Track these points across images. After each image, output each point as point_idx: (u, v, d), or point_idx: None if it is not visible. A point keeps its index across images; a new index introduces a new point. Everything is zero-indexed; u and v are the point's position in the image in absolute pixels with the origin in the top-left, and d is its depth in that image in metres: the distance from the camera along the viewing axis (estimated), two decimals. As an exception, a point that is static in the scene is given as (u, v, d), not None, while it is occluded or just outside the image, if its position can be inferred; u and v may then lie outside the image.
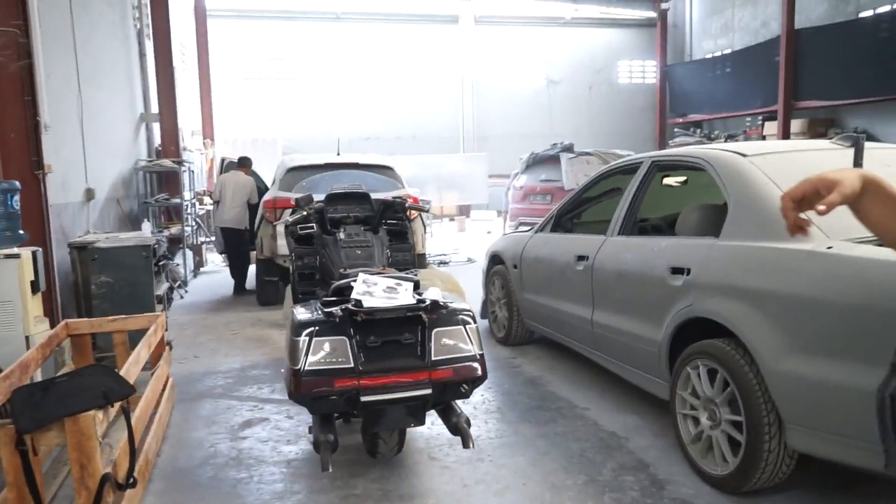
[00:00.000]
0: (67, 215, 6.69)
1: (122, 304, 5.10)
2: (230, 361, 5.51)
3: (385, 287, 3.23)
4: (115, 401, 2.58)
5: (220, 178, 9.24)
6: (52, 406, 2.45)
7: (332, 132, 18.58)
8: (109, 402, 2.54)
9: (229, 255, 9.11)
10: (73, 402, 2.46)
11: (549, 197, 12.44)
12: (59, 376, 2.82)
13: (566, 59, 21.27)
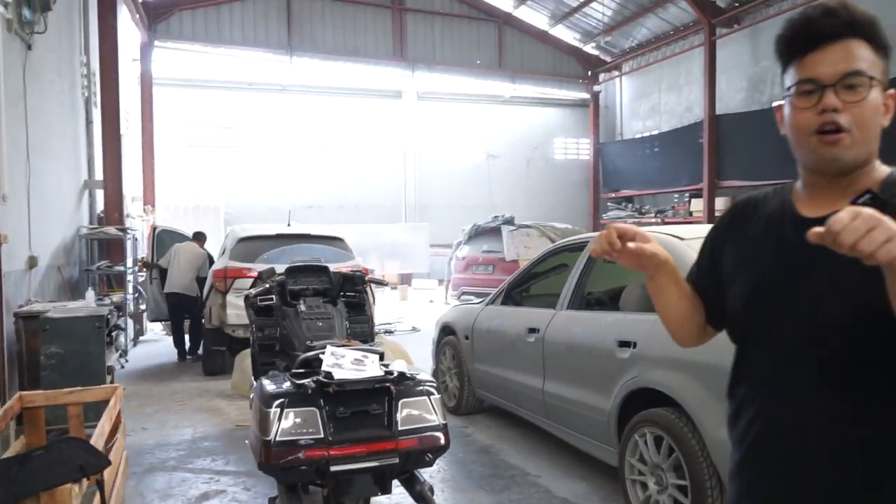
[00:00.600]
0: (10, 283, 6.57)
1: (71, 375, 5.03)
2: (181, 433, 5.46)
3: (353, 359, 3.38)
4: (92, 473, 2.63)
5: (173, 247, 9.24)
6: (30, 480, 2.48)
7: (276, 201, 18.72)
8: (86, 475, 2.59)
9: (174, 322, 9.02)
10: (51, 476, 2.49)
11: (491, 267, 12.80)
12: (35, 450, 2.83)
13: (505, 135, 22.14)
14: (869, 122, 1.24)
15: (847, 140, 1.22)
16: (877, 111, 1.25)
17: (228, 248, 7.83)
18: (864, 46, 1.25)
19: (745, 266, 1.37)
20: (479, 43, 20.90)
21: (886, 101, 1.28)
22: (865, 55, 1.24)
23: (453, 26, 20.62)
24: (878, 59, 1.26)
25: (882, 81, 1.26)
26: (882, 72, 1.26)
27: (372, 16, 19.71)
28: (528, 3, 20.43)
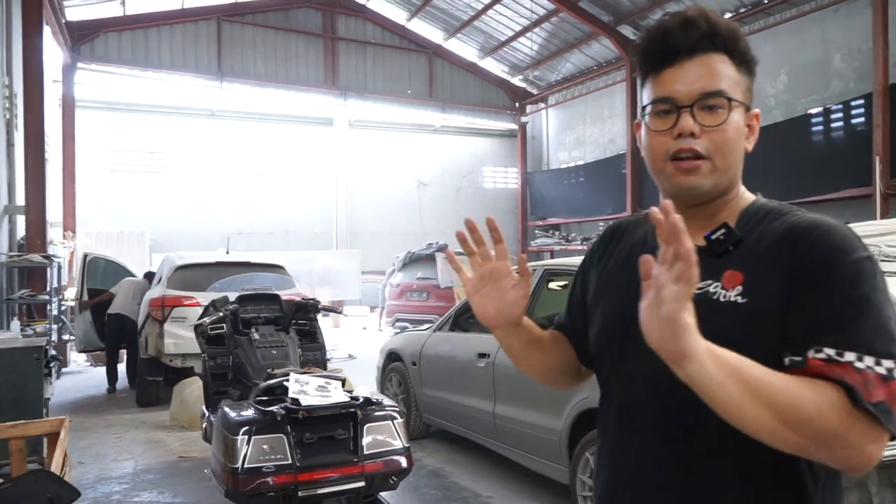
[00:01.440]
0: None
1: (7, 408, 4.84)
2: (121, 466, 5.32)
3: (317, 385, 3.45)
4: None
5: (124, 280, 9.07)
6: (-3, 513, 2.44)
7: (204, 227, 18.34)
8: (55, 507, 2.55)
9: (111, 347, 8.69)
10: (19, 509, 2.46)
11: (426, 294, 12.96)
12: (2, 483, 2.77)
13: (436, 164, 22.46)
14: (730, 147, 1.11)
15: (706, 168, 1.10)
16: (738, 135, 1.12)
17: (165, 275, 7.67)
18: (726, 62, 1.12)
19: (602, 300, 1.26)
20: (411, 73, 21.24)
21: (750, 122, 1.16)
22: (727, 72, 1.12)
23: (385, 56, 20.89)
24: (741, 75, 1.14)
25: (744, 101, 1.14)
26: (745, 90, 1.14)
27: (304, 44, 19.76)
28: (458, 36, 20.95)
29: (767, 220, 1.11)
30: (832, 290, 1.00)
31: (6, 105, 10.35)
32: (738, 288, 1.06)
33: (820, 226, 1.06)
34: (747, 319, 1.03)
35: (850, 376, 0.93)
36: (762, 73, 14.50)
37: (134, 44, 17.65)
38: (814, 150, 13.01)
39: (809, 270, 1.02)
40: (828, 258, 1.02)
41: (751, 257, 1.07)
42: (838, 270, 1.00)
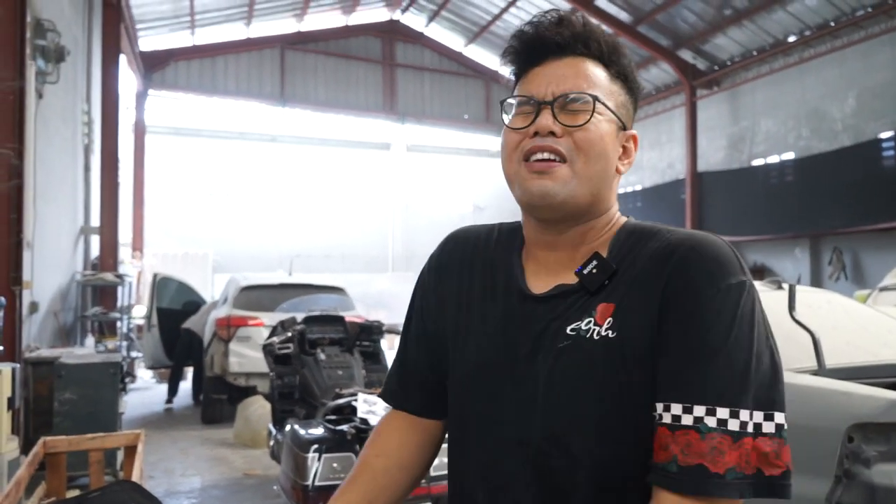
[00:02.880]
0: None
1: (84, 421, 5.04)
2: (189, 482, 5.46)
3: (384, 406, 3.49)
4: (144, 516, 2.69)
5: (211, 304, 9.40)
6: (85, 522, 2.54)
7: (264, 249, 18.79)
8: (138, 517, 2.65)
9: (179, 360, 8.97)
10: (105, 518, 2.56)
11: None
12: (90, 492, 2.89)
13: (491, 187, 22.54)
14: (595, 152, 0.97)
15: (563, 172, 0.96)
16: (605, 143, 0.98)
17: (231, 296, 7.90)
18: (600, 69, 1.01)
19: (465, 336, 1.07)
20: (468, 98, 21.47)
21: (626, 143, 1.03)
22: (599, 79, 1.00)
23: (442, 82, 21.19)
24: (617, 89, 1.02)
25: (618, 118, 1.01)
26: (620, 105, 1.02)
27: (363, 70, 20.21)
28: (515, 62, 21.11)
29: (641, 242, 0.98)
30: (690, 327, 0.88)
31: (84, 131, 10.88)
32: (608, 321, 0.93)
33: (688, 242, 0.93)
34: (620, 356, 0.91)
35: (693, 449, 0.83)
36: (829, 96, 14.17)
37: (202, 71, 18.35)
38: (884, 176, 12.60)
39: (673, 298, 0.90)
40: (692, 285, 0.89)
41: (621, 286, 0.95)
42: (700, 302, 0.88)
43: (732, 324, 0.87)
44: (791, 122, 15.19)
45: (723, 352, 0.86)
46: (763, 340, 0.89)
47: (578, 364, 0.92)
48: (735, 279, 0.89)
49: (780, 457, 0.83)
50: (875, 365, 2.90)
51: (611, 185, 1.02)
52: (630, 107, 1.05)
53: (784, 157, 15.30)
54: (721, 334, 0.86)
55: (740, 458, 0.82)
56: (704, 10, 15.42)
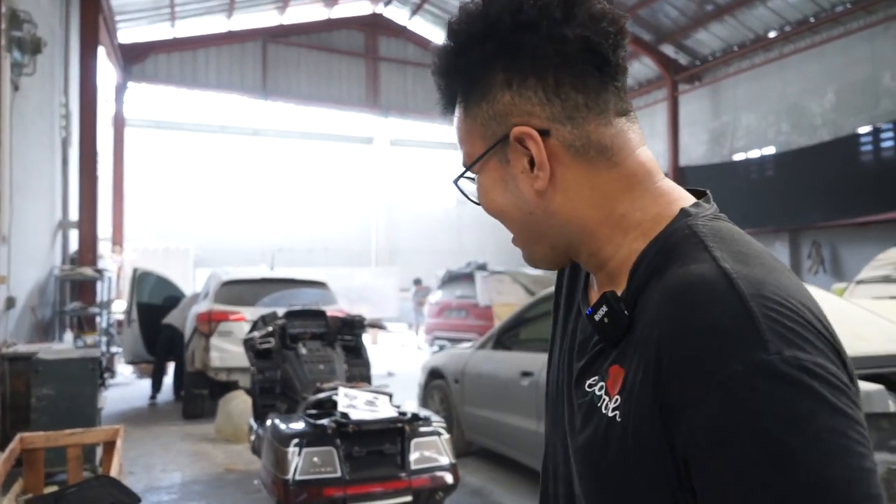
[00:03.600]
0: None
1: (63, 417, 4.99)
2: (170, 477, 5.43)
3: (365, 400, 3.50)
4: (121, 511, 2.67)
5: (191, 297, 9.32)
6: (62, 517, 2.53)
7: (246, 243, 18.70)
8: (116, 512, 2.64)
9: (160, 357, 8.88)
10: (82, 514, 2.54)
11: (465, 313, 12.95)
12: (68, 487, 2.87)
13: (474, 182, 22.57)
14: (505, 217, 0.82)
15: (517, 242, 0.84)
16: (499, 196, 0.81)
17: (211, 290, 7.84)
18: (460, 115, 0.84)
19: (551, 352, 0.93)
20: (451, 92, 21.45)
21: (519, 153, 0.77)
22: (461, 128, 0.84)
23: (426, 75, 20.99)
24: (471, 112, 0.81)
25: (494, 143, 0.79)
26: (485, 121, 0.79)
27: (346, 64, 20.12)
28: (498, 56, 21.09)
29: (657, 274, 0.71)
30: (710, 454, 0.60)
31: (62, 124, 10.74)
32: (616, 398, 0.70)
33: (673, 296, 0.66)
34: (625, 447, 0.68)
35: None
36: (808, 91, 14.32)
37: (182, 64, 18.18)
38: (862, 170, 12.77)
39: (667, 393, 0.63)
40: (682, 384, 0.62)
41: (630, 344, 0.70)
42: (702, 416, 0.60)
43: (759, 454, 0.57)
44: (771, 116, 15.33)
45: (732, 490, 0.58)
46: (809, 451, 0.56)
47: (590, 434, 0.73)
48: (739, 365, 0.59)
49: None
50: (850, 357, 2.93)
51: (554, 215, 0.78)
52: (503, 101, 0.77)
53: (764, 152, 15.46)
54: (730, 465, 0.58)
55: None
56: (686, 5, 15.51)
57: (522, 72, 0.76)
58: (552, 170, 0.76)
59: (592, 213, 0.77)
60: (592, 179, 0.76)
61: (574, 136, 0.75)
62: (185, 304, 8.91)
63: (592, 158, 0.76)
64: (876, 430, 2.82)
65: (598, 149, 0.76)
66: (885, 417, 2.83)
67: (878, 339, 3.37)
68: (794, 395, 0.57)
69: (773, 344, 0.59)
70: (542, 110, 0.75)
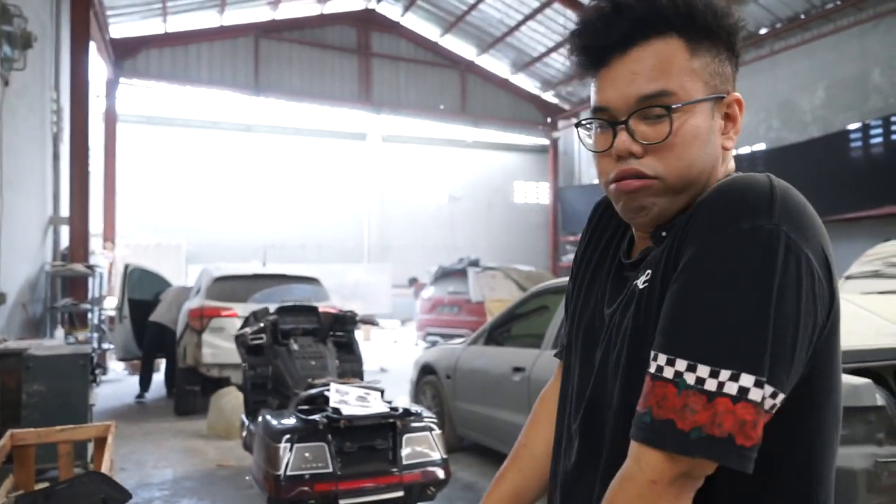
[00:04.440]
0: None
1: (54, 414, 4.98)
2: (161, 473, 5.42)
3: (357, 396, 3.51)
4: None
5: (173, 288, 9.32)
6: (53, 513, 2.53)
7: (239, 239, 18.66)
8: (107, 508, 2.64)
9: (148, 355, 8.84)
10: (74, 509, 2.55)
11: (457, 308, 12.98)
12: (58, 483, 2.87)
13: (467, 178, 22.58)
14: (685, 163, 0.89)
15: (655, 186, 0.90)
16: (695, 142, 0.89)
17: (203, 287, 7.82)
18: (676, 46, 0.88)
19: (574, 296, 1.11)
20: (443, 88, 21.44)
21: (727, 110, 0.93)
22: (677, 61, 0.88)
23: (418, 72, 21.13)
24: (702, 57, 0.89)
25: (707, 92, 0.90)
26: (711, 74, 0.90)
27: (338, 59, 20.08)
28: (491, 52, 21.09)
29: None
30: (686, 277, 0.81)
31: (53, 119, 10.69)
32: (648, 272, 0.90)
33: (719, 185, 0.86)
34: (647, 305, 0.88)
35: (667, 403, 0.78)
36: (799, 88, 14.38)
37: (174, 59, 18.11)
38: (852, 167, 12.84)
39: (682, 245, 0.84)
40: (696, 229, 0.82)
41: (668, 238, 0.89)
42: (699, 249, 0.80)
43: (732, 276, 0.77)
44: (763, 113, 15.39)
45: (715, 307, 0.77)
46: (784, 303, 0.77)
47: (622, 304, 0.93)
48: (747, 224, 0.78)
49: (756, 428, 0.76)
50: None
51: (713, 171, 0.91)
52: (726, 64, 0.92)
53: (755, 148, 15.53)
54: (715, 287, 0.78)
55: (711, 419, 0.75)
56: (678, 1, 15.54)
57: (732, 50, 0.93)
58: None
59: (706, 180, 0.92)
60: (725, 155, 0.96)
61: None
62: (168, 299, 8.85)
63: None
64: (864, 423, 2.85)
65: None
66: (873, 410, 2.86)
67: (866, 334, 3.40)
68: (775, 257, 0.77)
69: (776, 219, 0.78)
70: (733, 87, 0.94)
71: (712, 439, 0.75)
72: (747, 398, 0.75)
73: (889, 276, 5.93)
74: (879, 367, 3.13)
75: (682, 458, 0.77)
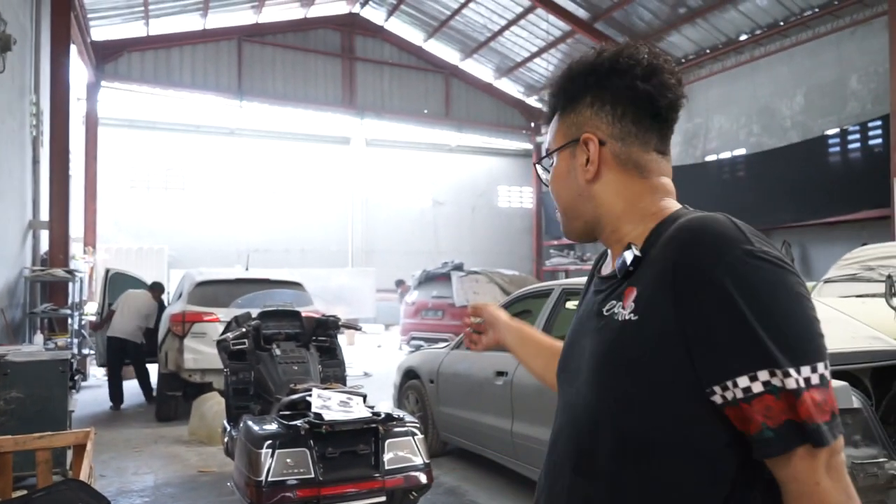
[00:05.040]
0: (-43, 327, 6.40)
1: (32, 420, 4.92)
2: (142, 480, 5.38)
3: (339, 401, 3.50)
4: (92, 515, 2.65)
5: (125, 293, 9.00)
6: (30, 522, 2.50)
7: (222, 244, 18.54)
8: (86, 516, 2.61)
9: (112, 368, 8.72)
10: (52, 518, 2.52)
11: (441, 313, 12.98)
12: (36, 491, 2.84)
13: (451, 182, 22.60)
14: (558, 194, 1.19)
15: (561, 217, 1.21)
16: (561, 180, 1.17)
17: (185, 291, 7.77)
18: (556, 119, 1.20)
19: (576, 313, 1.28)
20: (427, 93, 21.45)
21: (582, 152, 1.13)
22: (553, 128, 1.20)
23: (402, 76, 21.13)
24: (563, 119, 1.18)
25: (565, 140, 1.16)
26: (569, 126, 1.16)
27: (322, 64, 20.04)
28: (475, 57, 21.14)
29: (666, 228, 1.05)
30: (717, 314, 0.92)
31: (33, 122, 10.58)
32: (630, 304, 1.03)
33: (686, 224, 1.00)
34: (641, 338, 0.99)
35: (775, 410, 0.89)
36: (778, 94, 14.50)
37: (156, 63, 17.97)
38: (830, 172, 12.99)
39: (682, 286, 0.95)
40: (697, 274, 0.94)
41: (644, 271, 1.03)
42: (712, 289, 0.92)
43: (762, 289, 0.92)
44: (743, 118, 15.55)
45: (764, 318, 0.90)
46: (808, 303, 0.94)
47: (608, 342, 1.05)
48: (738, 249, 0.94)
49: (828, 403, 0.91)
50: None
51: (594, 198, 1.14)
52: (583, 113, 1.15)
53: (735, 153, 15.68)
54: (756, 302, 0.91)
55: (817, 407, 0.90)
56: (660, 8, 15.67)
57: (602, 100, 1.13)
58: (600, 168, 1.13)
59: (620, 203, 1.13)
60: (625, 182, 1.13)
61: (621, 151, 1.12)
62: (122, 308, 8.65)
63: (629, 169, 1.13)
64: (839, 426, 2.89)
65: (635, 164, 1.13)
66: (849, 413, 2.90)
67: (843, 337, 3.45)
68: (772, 267, 0.94)
69: (756, 243, 0.95)
70: (606, 129, 1.12)
71: (821, 425, 0.89)
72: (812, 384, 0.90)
73: (866, 279, 6.01)
74: (856, 370, 3.17)
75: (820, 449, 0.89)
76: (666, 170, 1.15)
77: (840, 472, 0.91)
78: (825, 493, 0.90)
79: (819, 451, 0.89)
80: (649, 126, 1.13)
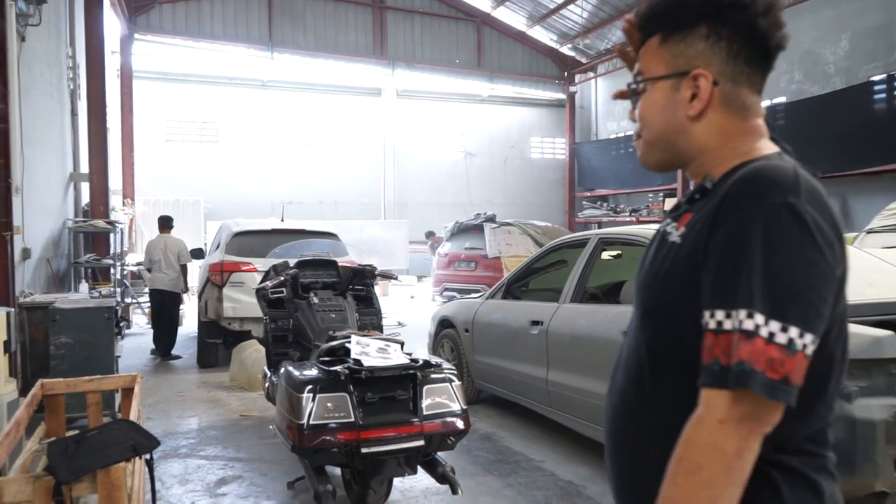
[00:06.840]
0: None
1: (80, 365, 5.11)
2: (187, 423, 5.57)
3: (377, 348, 3.56)
4: (143, 453, 2.76)
5: (149, 244, 9.07)
6: (87, 458, 2.61)
7: (256, 196, 18.72)
8: (138, 454, 2.72)
9: (157, 320, 8.89)
10: (106, 455, 2.63)
11: (474, 264, 13.02)
12: (88, 430, 2.96)
13: (483, 134, 22.38)
14: (646, 122, 1.17)
15: (640, 144, 1.21)
16: (654, 109, 1.15)
17: (223, 242, 7.89)
18: (654, 42, 1.16)
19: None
20: (459, 42, 21.10)
21: (688, 87, 1.11)
22: (649, 53, 1.17)
23: (433, 25, 20.79)
24: (667, 46, 1.13)
25: (668, 71, 1.13)
26: (674, 56, 1.12)
27: (353, 13, 19.80)
28: (507, 4, 20.68)
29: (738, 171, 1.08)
30: (728, 243, 0.98)
31: (70, 76, 10.68)
32: (682, 229, 1.10)
33: (747, 168, 1.04)
34: (679, 259, 1.07)
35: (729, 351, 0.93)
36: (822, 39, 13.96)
37: (188, 15, 17.93)
38: (875, 119, 12.55)
39: (719, 215, 1.01)
40: (733, 203, 0.99)
41: (706, 202, 1.08)
42: (738, 220, 0.97)
43: (765, 241, 0.94)
44: (784, 64, 15.05)
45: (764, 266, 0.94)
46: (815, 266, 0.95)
47: (658, 259, 1.13)
48: (779, 199, 0.96)
49: (784, 366, 0.91)
50: (859, 304, 2.96)
51: (691, 135, 1.13)
52: (692, 43, 1.11)
53: (776, 101, 15.22)
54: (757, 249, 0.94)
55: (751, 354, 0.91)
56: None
57: (719, 34, 1.09)
58: (705, 107, 1.11)
59: (716, 142, 1.12)
60: (728, 124, 1.12)
61: (730, 92, 1.11)
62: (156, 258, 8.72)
63: (734, 111, 1.12)
64: (885, 374, 2.86)
65: (740, 107, 1.12)
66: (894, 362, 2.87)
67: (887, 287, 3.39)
68: (802, 228, 0.95)
69: (803, 200, 0.96)
70: (719, 66, 1.10)
71: (761, 373, 0.91)
72: (774, 341, 0.92)
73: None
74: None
75: (744, 399, 0.91)
76: (761, 111, 1.16)
77: (753, 433, 0.93)
78: (722, 433, 0.92)
79: (744, 395, 0.91)
80: (759, 67, 1.12)
